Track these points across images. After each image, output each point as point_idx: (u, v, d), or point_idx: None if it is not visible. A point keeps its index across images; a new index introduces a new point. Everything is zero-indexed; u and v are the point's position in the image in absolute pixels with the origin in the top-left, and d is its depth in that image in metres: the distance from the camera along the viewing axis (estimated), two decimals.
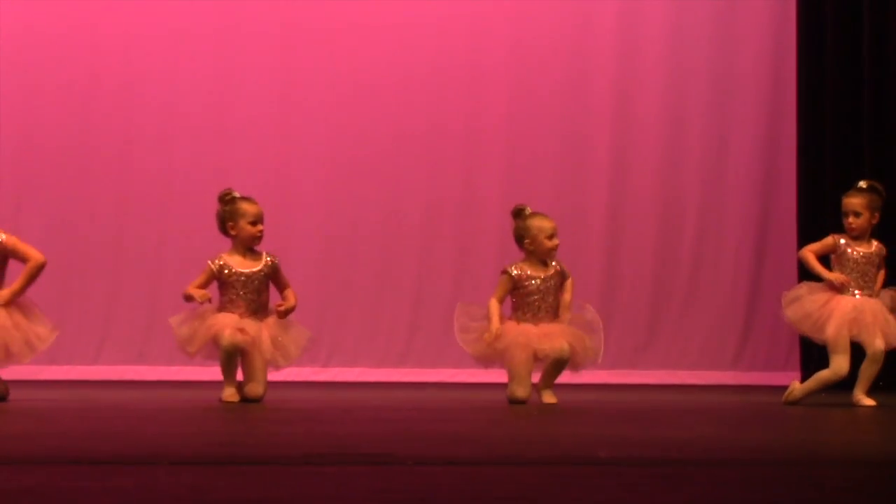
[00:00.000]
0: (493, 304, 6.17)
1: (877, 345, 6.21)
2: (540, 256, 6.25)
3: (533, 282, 6.21)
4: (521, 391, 6.10)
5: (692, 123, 8.92)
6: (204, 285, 5.97)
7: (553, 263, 6.28)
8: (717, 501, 2.47)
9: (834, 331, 6.25)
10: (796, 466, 3.20)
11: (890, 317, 6.31)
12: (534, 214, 6.30)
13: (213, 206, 6.18)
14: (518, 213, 6.32)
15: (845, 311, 6.26)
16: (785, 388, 6.47)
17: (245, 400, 5.91)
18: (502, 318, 6.17)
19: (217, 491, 2.52)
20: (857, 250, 6.36)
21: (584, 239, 8.65)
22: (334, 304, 8.49)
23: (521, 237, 6.29)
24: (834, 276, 6.35)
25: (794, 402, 6.27)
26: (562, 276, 6.26)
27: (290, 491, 2.52)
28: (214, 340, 5.87)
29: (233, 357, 5.89)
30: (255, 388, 5.92)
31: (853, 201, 6.39)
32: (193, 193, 8.22)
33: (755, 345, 8.73)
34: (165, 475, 2.77)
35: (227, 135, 8.60)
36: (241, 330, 5.86)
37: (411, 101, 8.72)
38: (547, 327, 6.16)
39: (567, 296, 6.25)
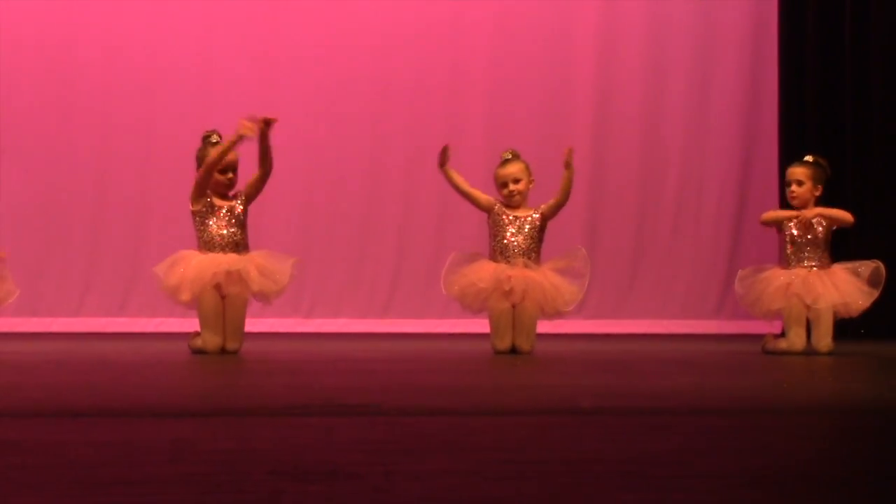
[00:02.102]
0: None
1: (820, 305, 6.08)
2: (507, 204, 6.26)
3: (506, 218, 6.21)
4: (502, 343, 6.10)
5: (675, 72, 8.90)
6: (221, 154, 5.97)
7: (534, 209, 6.26)
8: (699, 450, 2.47)
9: (766, 304, 6.17)
10: (776, 414, 3.21)
11: (846, 280, 6.14)
12: (503, 162, 6.34)
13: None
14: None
15: (779, 284, 6.17)
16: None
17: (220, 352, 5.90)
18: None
19: (200, 443, 2.51)
20: (796, 224, 6.26)
21: None
22: (317, 255, 8.47)
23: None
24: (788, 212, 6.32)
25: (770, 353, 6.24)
26: (541, 219, 6.24)
27: (273, 443, 2.52)
28: (201, 296, 5.84)
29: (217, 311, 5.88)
30: (230, 343, 5.90)
31: (796, 170, 6.32)
32: (176, 143, 8.16)
33: None
34: (148, 427, 2.76)
35: (210, 82, 8.54)
36: (228, 273, 5.82)
37: (396, 55, 8.68)
38: (523, 272, 6.13)
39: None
